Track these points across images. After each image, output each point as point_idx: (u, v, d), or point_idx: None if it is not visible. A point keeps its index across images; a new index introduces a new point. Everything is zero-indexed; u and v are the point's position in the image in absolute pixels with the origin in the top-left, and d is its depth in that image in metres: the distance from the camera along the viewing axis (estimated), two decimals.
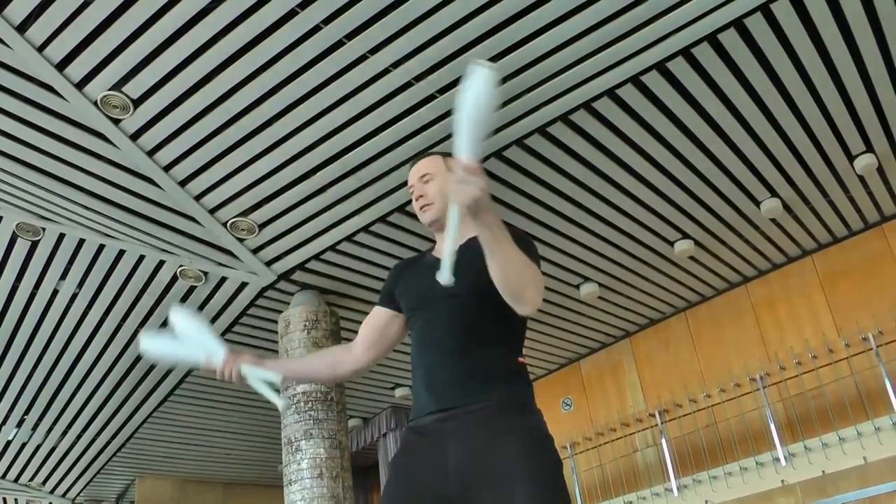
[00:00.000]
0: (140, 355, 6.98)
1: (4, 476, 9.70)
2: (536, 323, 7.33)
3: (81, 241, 5.52)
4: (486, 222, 1.46)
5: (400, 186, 5.04)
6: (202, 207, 5.13)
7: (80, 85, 4.08)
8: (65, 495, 10.38)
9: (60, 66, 3.95)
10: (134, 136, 4.48)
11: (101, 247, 5.59)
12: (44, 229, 5.38)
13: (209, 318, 6.38)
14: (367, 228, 5.51)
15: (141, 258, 5.74)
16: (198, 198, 5.05)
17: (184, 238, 5.48)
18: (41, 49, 3.84)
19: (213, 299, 6.24)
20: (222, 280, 6.02)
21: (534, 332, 7.50)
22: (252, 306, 6.36)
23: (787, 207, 6.12)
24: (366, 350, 1.98)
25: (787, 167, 5.61)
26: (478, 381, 1.69)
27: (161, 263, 5.81)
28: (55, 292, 6.06)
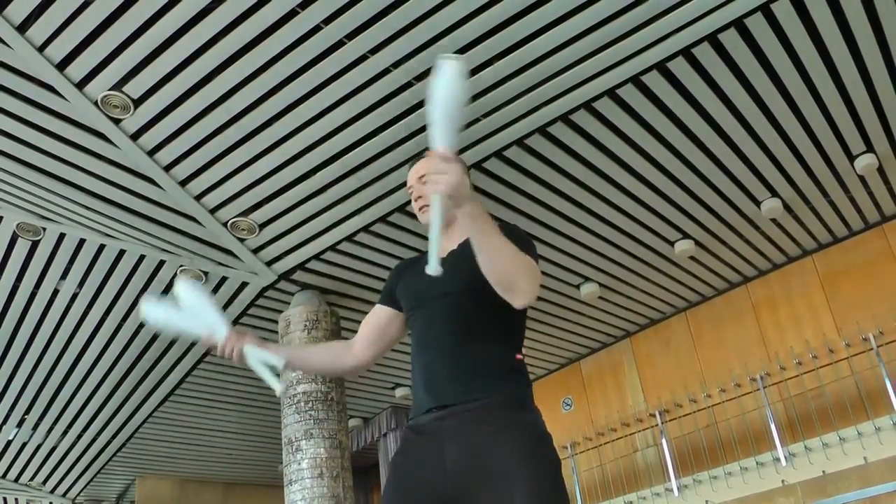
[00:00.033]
0: (140, 355, 7.03)
1: (4, 476, 9.70)
2: (536, 323, 7.33)
3: (82, 241, 5.52)
4: (470, 213, 1.48)
5: (400, 186, 5.04)
6: (202, 207, 5.13)
7: (81, 85, 4.08)
8: (65, 495, 10.39)
9: (61, 66, 3.96)
10: (134, 136, 4.49)
11: (101, 247, 5.59)
12: (44, 229, 5.38)
13: None
14: (367, 228, 5.51)
15: (141, 258, 5.74)
16: (198, 198, 5.06)
17: (184, 238, 5.48)
18: (42, 49, 3.84)
19: (213, 299, 6.22)
20: (223, 280, 6.02)
21: (534, 332, 7.50)
22: (252, 306, 6.36)
23: (787, 207, 6.12)
24: (365, 348, 1.98)
25: (787, 167, 5.61)
26: (475, 378, 1.69)
27: (161, 263, 5.81)
28: (55, 292, 6.06)
